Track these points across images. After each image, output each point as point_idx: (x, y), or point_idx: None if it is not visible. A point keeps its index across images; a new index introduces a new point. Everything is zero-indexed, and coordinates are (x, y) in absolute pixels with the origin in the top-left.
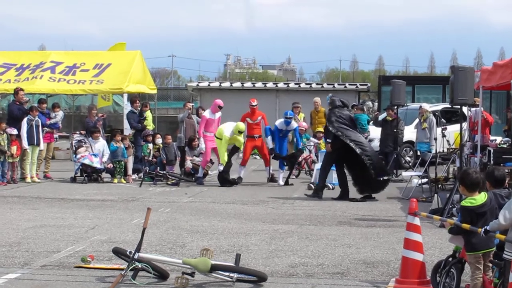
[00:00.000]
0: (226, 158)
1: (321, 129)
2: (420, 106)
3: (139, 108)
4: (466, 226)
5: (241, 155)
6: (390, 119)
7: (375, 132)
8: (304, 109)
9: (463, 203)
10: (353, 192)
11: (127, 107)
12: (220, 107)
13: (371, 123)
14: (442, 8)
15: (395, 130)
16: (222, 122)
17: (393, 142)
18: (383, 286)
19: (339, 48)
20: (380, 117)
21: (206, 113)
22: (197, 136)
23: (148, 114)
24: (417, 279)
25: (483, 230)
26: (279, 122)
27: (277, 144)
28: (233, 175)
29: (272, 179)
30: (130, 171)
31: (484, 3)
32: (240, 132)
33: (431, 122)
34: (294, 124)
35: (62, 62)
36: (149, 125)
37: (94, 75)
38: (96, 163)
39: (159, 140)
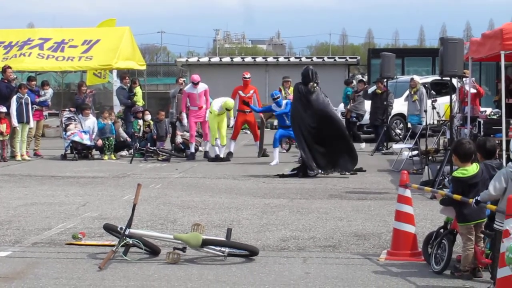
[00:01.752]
0: (217, 134)
1: None
2: (412, 79)
3: (128, 85)
4: (457, 197)
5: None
6: (380, 92)
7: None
8: (295, 83)
9: (455, 174)
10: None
11: (116, 84)
12: (194, 83)
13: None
14: None
15: (384, 103)
16: (213, 97)
17: (382, 115)
18: (374, 258)
19: (329, 22)
20: (370, 90)
21: (186, 88)
22: (180, 111)
23: (138, 90)
24: (408, 251)
25: (474, 200)
26: (273, 106)
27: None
28: (225, 150)
29: (263, 153)
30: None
31: None
32: (227, 110)
33: (422, 95)
34: (284, 102)
35: (50, 38)
36: (139, 101)
37: (83, 51)
38: (86, 140)
39: (148, 117)
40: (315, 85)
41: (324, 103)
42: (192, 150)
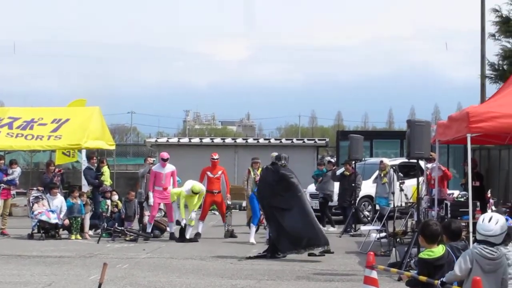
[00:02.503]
0: (184, 215)
1: None
2: (381, 161)
3: (96, 165)
4: (423, 278)
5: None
6: (348, 173)
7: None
8: (264, 164)
9: (421, 255)
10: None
11: (85, 163)
12: (163, 160)
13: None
14: (399, 64)
15: (353, 184)
16: (182, 177)
17: (350, 196)
18: None
19: (298, 104)
20: (338, 172)
21: (154, 167)
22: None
23: (106, 170)
24: None
25: (439, 282)
26: None
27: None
28: (193, 230)
29: (231, 234)
30: (87, 228)
31: (442, 60)
32: (194, 193)
33: (391, 177)
34: None
35: (20, 117)
36: (106, 180)
37: (52, 130)
38: (54, 219)
39: (115, 197)
40: (284, 162)
41: (291, 180)
42: (149, 229)
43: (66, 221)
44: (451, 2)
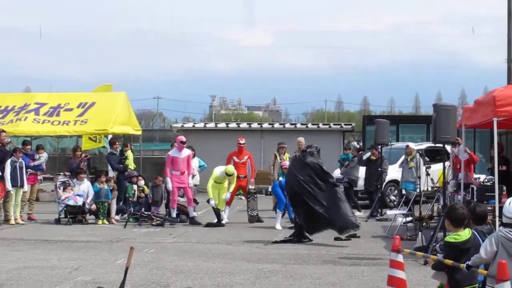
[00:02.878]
0: (212, 194)
1: None
2: (407, 146)
3: (119, 149)
4: (448, 261)
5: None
6: (374, 158)
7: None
8: (290, 149)
9: (447, 239)
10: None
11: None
12: (182, 142)
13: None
14: (425, 49)
15: (379, 169)
16: (208, 162)
17: (377, 181)
18: None
19: (325, 89)
20: (365, 157)
21: (171, 152)
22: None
23: (129, 154)
24: None
25: (465, 265)
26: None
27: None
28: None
29: (258, 219)
30: (113, 213)
31: (468, 45)
32: (228, 175)
33: (418, 161)
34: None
35: (46, 103)
36: (130, 164)
37: (78, 114)
38: (81, 204)
39: (141, 182)
40: (313, 150)
41: (320, 167)
42: (174, 215)
43: (93, 206)
44: None
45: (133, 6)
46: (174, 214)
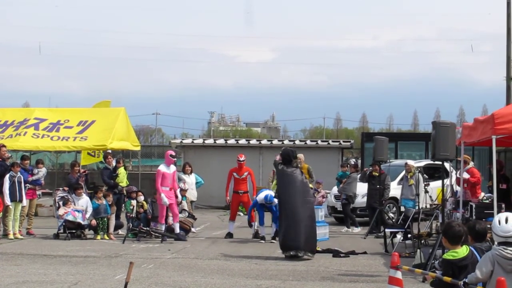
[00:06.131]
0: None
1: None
2: (406, 163)
3: (113, 164)
4: (447, 278)
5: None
6: (377, 174)
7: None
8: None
9: (445, 256)
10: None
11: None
12: (172, 156)
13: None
14: (424, 66)
15: (378, 186)
16: (206, 178)
17: (380, 197)
18: None
19: (323, 106)
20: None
21: (162, 167)
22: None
23: (121, 171)
24: None
25: (462, 282)
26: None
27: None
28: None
29: (256, 235)
30: (111, 229)
31: (467, 62)
32: None
33: (418, 179)
34: (275, 201)
35: (46, 118)
36: (122, 181)
37: (78, 131)
38: (80, 219)
39: (140, 198)
40: (298, 161)
41: (304, 182)
42: (177, 231)
43: (93, 222)
44: (476, 4)
45: (131, 21)
46: (163, 228)
